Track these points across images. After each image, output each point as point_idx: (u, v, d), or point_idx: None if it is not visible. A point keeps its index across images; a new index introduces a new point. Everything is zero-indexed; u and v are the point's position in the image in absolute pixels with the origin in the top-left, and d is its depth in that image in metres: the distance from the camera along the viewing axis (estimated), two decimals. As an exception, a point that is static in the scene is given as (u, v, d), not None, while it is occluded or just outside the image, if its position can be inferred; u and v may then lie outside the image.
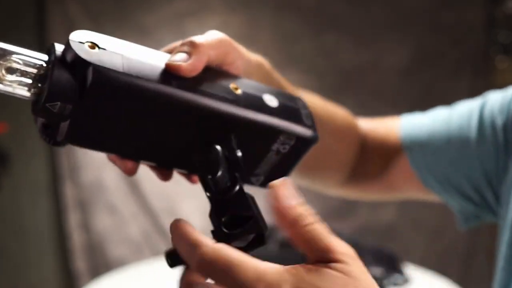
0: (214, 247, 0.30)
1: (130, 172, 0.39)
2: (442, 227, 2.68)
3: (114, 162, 0.39)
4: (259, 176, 0.42)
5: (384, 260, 1.62)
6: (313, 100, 0.58)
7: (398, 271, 1.59)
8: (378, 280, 1.43)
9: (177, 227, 0.33)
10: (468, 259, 2.70)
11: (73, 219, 2.51)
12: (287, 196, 0.31)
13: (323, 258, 0.29)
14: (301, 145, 0.40)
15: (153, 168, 0.40)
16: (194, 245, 0.31)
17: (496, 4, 2.70)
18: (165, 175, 0.40)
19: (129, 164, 0.38)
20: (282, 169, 0.42)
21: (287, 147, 0.40)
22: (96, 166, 2.49)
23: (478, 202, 0.61)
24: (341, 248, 0.30)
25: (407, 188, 0.67)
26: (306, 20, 2.61)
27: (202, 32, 0.43)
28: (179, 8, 2.50)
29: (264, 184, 0.42)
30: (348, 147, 0.65)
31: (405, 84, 2.64)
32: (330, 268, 0.29)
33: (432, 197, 0.66)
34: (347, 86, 2.58)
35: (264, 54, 0.52)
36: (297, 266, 0.29)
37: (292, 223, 0.30)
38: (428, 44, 2.65)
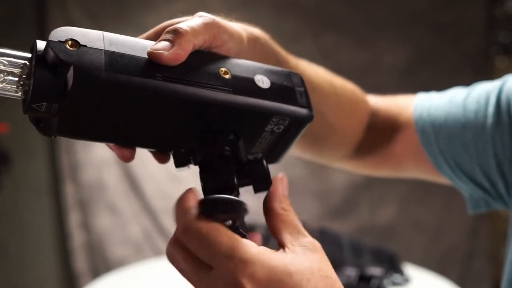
0: (200, 216, 0.33)
1: (127, 159, 0.39)
2: (442, 227, 2.68)
3: (111, 148, 0.39)
4: (257, 154, 0.41)
5: (384, 260, 1.62)
6: (317, 75, 0.56)
7: (398, 271, 1.59)
8: (378, 279, 1.43)
9: (181, 198, 0.35)
10: (468, 259, 2.70)
11: (73, 219, 2.52)
12: (282, 187, 0.37)
13: (295, 241, 0.34)
14: (296, 124, 0.40)
15: (151, 152, 0.40)
16: (184, 212, 0.33)
17: (496, 4, 2.70)
18: (162, 158, 0.40)
19: (126, 151, 0.38)
20: (279, 147, 0.42)
21: (281, 127, 0.40)
22: (96, 166, 2.49)
23: (489, 190, 0.59)
24: (310, 237, 0.35)
25: (415, 168, 0.65)
26: (306, 20, 2.62)
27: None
28: (179, 8, 2.50)
29: None
30: (354, 122, 0.63)
31: (405, 84, 2.64)
32: (301, 248, 0.33)
33: (441, 179, 0.63)
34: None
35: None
36: (271, 250, 0.33)
37: (277, 206, 0.36)
38: (428, 44, 2.65)
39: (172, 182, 2.54)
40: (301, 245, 0.34)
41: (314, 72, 0.56)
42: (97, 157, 2.47)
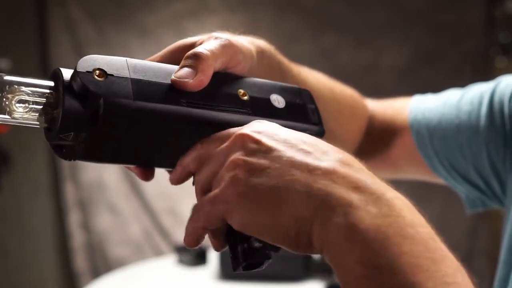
0: None
1: (147, 178, 0.40)
2: (442, 227, 2.66)
3: (130, 169, 0.40)
4: None
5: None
6: (318, 81, 0.57)
7: (398, 270, 1.59)
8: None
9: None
10: (468, 259, 2.70)
11: (73, 219, 2.52)
12: None
13: None
14: None
15: (169, 171, 0.41)
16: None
17: (496, 4, 2.70)
18: (179, 180, 0.40)
19: (145, 171, 0.39)
20: None
21: None
22: (96, 166, 2.49)
23: (484, 190, 0.60)
24: None
25: (413, 170, 0.66)
26: (306, 21, 2.62)
27: (202, 32, 0.43)
28: (179, 8, 2.50)
29: None
30: (353, 127, 0.64)
31: (405, 84, 2.64)
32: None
33: (439, 180, 0.64)
34: (347, 86, 2.58)
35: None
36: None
37: None
38: (428, 44, 2.65)
39: (172, 182, 2.54)
40: None
41: (315, 79, 0.57)
42: (97, 157, 2.47)
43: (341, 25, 2.62)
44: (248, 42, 0.44)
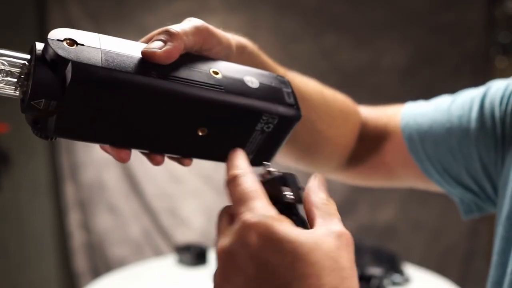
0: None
1: (123, 160, 0.39)
2: (442, 227, 2.68)
3: (106, 151, 0.40)
4: (248, 155, 0.42)
5: (384, 260, 1.62)
6: (307, 85, 0.57)
7: (398, 271, 1.59)
8: (378, 279, 1.43)
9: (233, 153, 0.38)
10: (467, 259, 2.70)
11: (73, 219, 2.52)
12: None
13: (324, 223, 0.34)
14: (285, 123, 0.41)
15: (145, 154, 0.41)
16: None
17: (496, 4, 2.70)
18: (157, 160, 0.40)
19: (122, 152, 0.39)
20: (269, 147, 0.43)
21: (271, 126, 0.41)
22: (96, 166, 2.49)
23: (478, 192, 0.60)
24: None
25: (406, 176, 0.66)
26: (306, 20, 2.62)
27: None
28: (179, 8, 2.50)
29: (254, 162, 0.43)
30: (345, 133, 0.64)
31: (405, 84, 2.65)
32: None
33: (433, 186, 0.65)
34: (347, 86, 2.57)
35: (264, 54, 0.52)
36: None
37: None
38: (428, 44, 2.65)
39: (172, 182, 2.54)
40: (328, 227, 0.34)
41: (303, 81, 0.57)
42: (97, 157, 2.47)
43: (341, 25, 2.62)
44: (227, 34, 0.44)
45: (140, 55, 0.36)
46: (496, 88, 0.58)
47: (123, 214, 2.55)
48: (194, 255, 1.72)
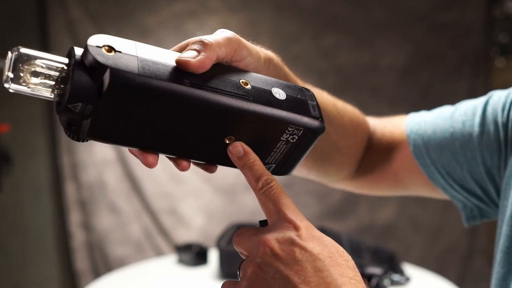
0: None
1: (151, 165, 0.40)
2: (442, 227, 2.69)
3: (134, 155, 0.40)
4: (271, 164, 0.44)
5: (384, 259, 1.63)
6: (322, 96, 0.59)
7: (398, 270, 1.60)
8: (377, 279, 1.43)
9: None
10: (467, 259, 2.70)
11: (74, 219, 2.52)
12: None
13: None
14: (309, 135, 0.43)
15: (171, 159, 0.41)
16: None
17: (496, 4, 2.71)
18: (183, 166, 0.41)
19: (150, 157, 0.40)
20: (292, 158, 0.44)
21: (296, 137, 0.42)
22: (97, 165, 2.50)
23: (482, 196, 0.62)
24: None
25: (412, 184, 0.68)
26: (306, 21, 2.62)
27: (202, 32, 0.44)
28: (179, 9, 2.51)
29: (275, 171, 0.45)
30: (356, 143, 0.66)
31: (405, 84, 2.65)
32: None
33: (438, 193, 0.67)
34: (347, 86, 2.59)
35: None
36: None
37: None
38: (428, 44, 2.66)
39: (173, 182, 2.54)
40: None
41: (318, 93, 0.59)
42: (98, 157, 2.47)
43: (341, 25, 2.62)
44: (257, 46, 0.46)
45: (174, 64, 0.38)
46: (498, 96, 0.61)
47: (124, 213, 2.55)
48: (194, 255, 1.73)
